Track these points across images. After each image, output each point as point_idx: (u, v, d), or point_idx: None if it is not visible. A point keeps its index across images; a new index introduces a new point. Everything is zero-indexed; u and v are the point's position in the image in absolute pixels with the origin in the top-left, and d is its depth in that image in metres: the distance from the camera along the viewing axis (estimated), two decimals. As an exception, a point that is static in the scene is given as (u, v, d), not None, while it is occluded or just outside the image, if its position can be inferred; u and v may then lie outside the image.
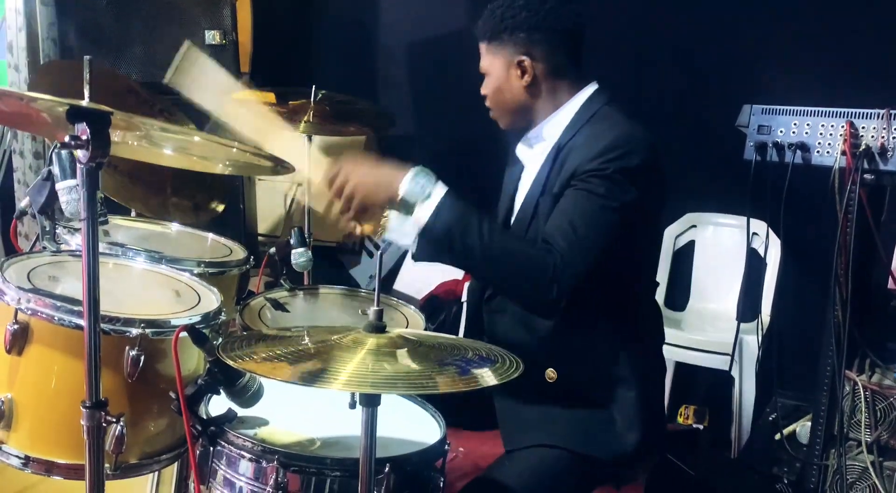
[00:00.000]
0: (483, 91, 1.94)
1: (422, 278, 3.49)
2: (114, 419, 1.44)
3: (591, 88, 1.88)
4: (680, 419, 3.23)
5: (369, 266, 3.78)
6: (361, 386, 1.23)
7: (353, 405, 1.46)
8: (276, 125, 2.03)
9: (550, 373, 1.82)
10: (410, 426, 1.64)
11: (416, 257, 1.68)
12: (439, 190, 1.66)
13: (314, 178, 1.78)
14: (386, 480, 1.41)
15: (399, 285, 3.58)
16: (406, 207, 1.65)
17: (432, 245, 1.65)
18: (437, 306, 3.36)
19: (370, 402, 1.29)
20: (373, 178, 1.69)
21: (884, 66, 2.78)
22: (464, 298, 3.03)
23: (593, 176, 1.72)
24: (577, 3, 1.88)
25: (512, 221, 1.94)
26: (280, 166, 1.70)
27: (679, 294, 3.39)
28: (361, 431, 1.30)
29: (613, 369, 1.82)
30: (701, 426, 3.18)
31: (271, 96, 2.90)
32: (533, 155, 1.94)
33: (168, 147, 1.63)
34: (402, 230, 1.66)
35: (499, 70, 1.89)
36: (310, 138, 2.83)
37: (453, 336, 1.55)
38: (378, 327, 1.37)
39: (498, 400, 1.90)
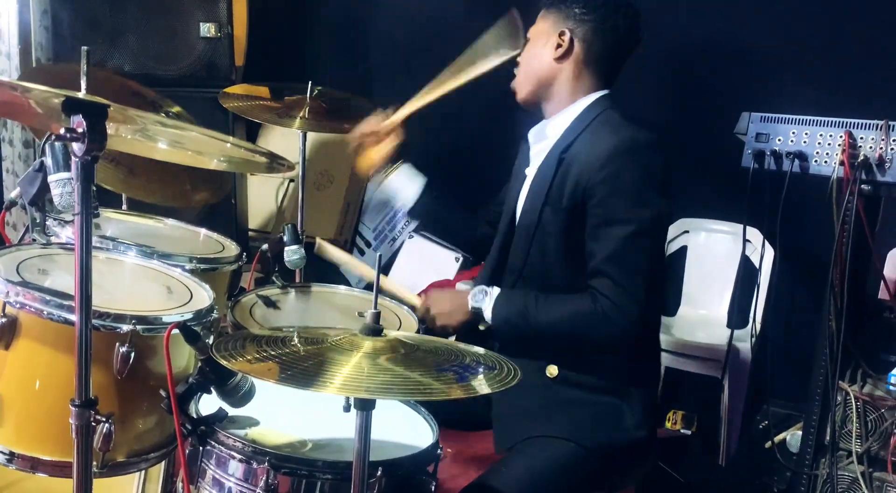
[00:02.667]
0: (519, 57, 1.96)
1: (413, 277, 3.47)
2: (103, 418, 1.42)
3: (599, 93, 1.89)
4: (668, 424, 3.23)
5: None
6: (357, 390, 1.21)
7: (347, 409, 1.44)
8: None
9: (551, 369, 1.83)
10: (403, 429, 1.62)
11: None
12: (489, 298, 1.87)
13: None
14: (378, 484, 1.40)
15: (390, 283, 3.56)
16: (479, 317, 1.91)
17: (504, 332, 1.88)
18: (428, 306, 3.35)
19: (365, 406, 1.28)
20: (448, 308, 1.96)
21: (883, 77, 2.78)
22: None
23: (608, 196, 1.73)
24: (639, 18, 1.90)
25: (516, 223, 1.94)
26: (275, 163, 1.68)
27: (670, 299, 3.38)
28: (355, 434, 1.29)
29: (615, 368, 1.83)
30: (689, 432, 3.18)
31: (265, 91, 2.87)
32: (536, 151, 1.95)
33: (163, 141, 1.61)
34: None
35: (540, 35, 1.91)
36: (304, 135, 2.82)
37: (450, 341, 1.54)
38: (374, 330, 1.35)
39: (496, 398, 1.90)
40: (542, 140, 1.92)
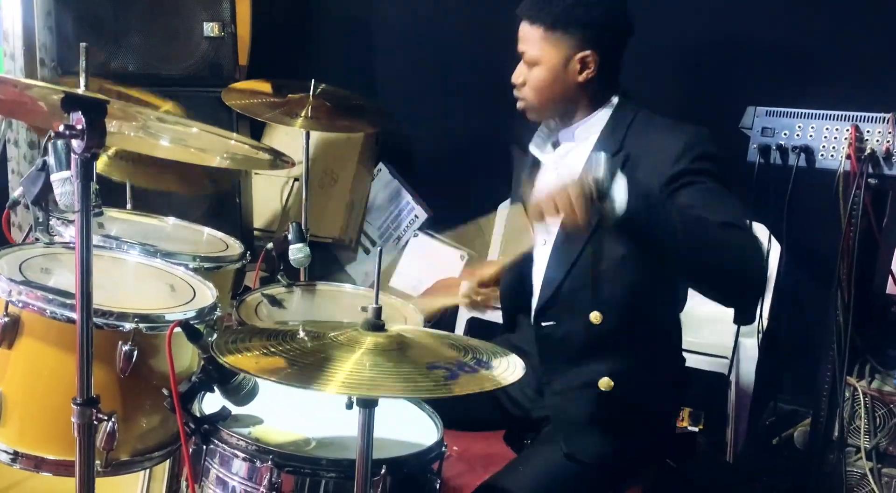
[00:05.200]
0: (519, 78, 1.83)
1: (418, 274, 3.47)
2: (105, 417, 1.41)
3: (617, 94, 1.84)
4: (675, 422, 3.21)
5: (366, 262, 3.76)
6: (358, 389, 1.21)
7: (349, 406, 1.44)
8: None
9: (605, 382, 1.78)
10: (407, 426, 1.61)
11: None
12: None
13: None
14: (382, 482, 1.39)
15: (395, 281, 3.56)
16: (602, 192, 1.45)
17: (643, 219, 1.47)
18: (433, 304, 3.34)
19: (367, 403, 1.27)
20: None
21: (890, 70, 2.76)
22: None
23: (696, 178, 1.66)
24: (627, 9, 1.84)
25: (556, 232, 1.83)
26: (279, 160, 1.67)
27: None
28: (358, 432, 1.28)
29: (662, 377, 1.81)
30: (696, 429, 3.17)
31: (267, 86, 2.87)
32: (558, 155, 1.87)
33: (165, 138, 1.60)
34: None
35: (555, 61, 1.78)
36: (308, 133, 2.82)
37: (453, 334, 1.53)
38: (376, 326, 1.34)
39: (553, 406, 1.85)
40: (569, 141, 1.85)
